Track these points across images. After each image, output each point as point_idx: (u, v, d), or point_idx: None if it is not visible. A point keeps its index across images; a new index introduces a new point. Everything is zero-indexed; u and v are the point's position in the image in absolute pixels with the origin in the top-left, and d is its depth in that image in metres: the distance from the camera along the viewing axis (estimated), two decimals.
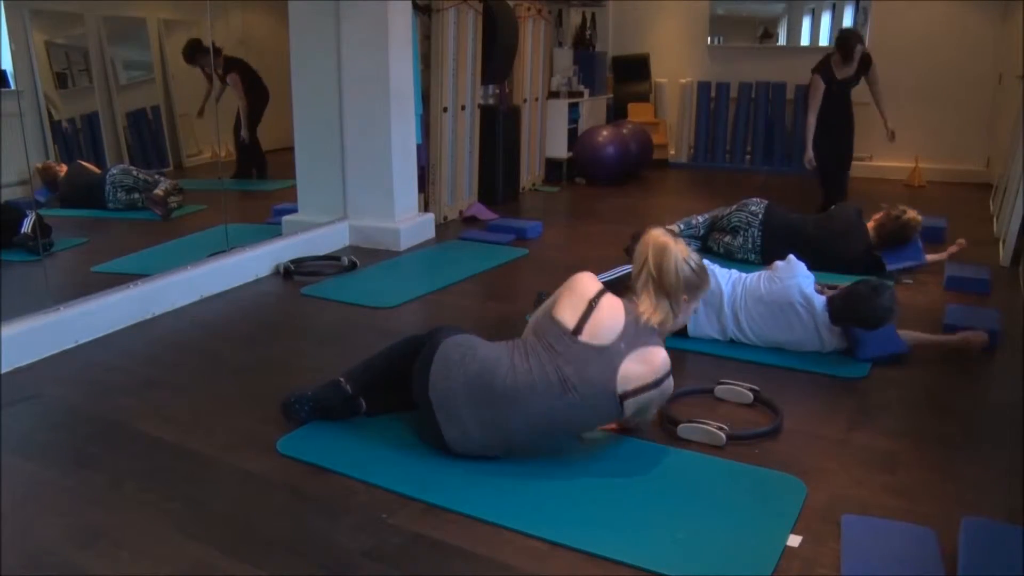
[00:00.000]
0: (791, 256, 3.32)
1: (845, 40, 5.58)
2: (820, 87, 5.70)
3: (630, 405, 2.22)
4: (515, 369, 2.23)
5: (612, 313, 2.26)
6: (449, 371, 2.26)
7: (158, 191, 4.96)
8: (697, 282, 2.36)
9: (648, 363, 2.22)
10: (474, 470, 2.27)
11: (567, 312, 2.27)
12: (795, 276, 3.22)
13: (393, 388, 2.54)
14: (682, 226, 4.68)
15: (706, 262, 3.41)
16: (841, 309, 3.11)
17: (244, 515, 2.09)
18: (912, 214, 4.23)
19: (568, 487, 2.18)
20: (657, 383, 2.23)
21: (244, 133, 5.93)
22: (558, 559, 1.91)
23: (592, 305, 2.26)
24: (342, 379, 2.53)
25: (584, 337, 2.22)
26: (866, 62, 5.64)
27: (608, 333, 2.22)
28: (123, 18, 5.06)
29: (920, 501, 2.14)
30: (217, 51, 5.22)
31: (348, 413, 2.54)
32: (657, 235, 2.33)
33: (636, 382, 2.20)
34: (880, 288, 3.06)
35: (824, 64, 5.70)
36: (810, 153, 5.74)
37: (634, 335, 2.24)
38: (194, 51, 5.27)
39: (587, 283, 2.34)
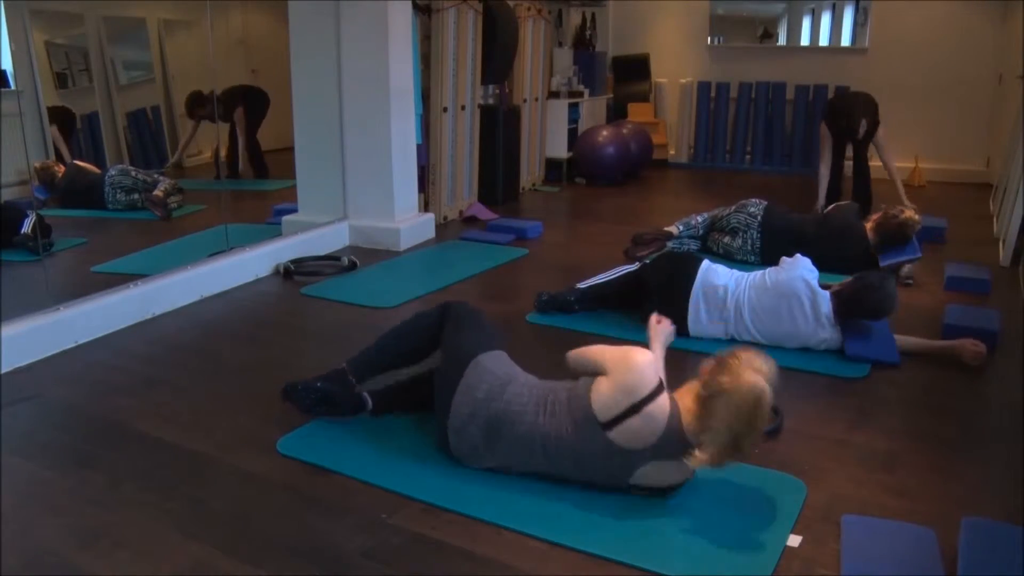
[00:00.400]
0: (798, 255, 3.35)
1: (850, 115, 5.56)
2: (828, 137, 5.74)
3: (635, 490, 2.12)
4: (536, 426, 2.15)
5: (654, 425, 2.00)
6: (475, 408, 2.21)
7: (157, 192, 4.96)
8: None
9: (667, 476, 2.08)
10: (474, 470, 2.26)
11: (606, 400, 2.04)
12: (799, 268, 3.26)
13: (402, 385, 2.56)
14: (681, 227, 4.68)
15: (707, 261, 3.45)
16: (850, 298, 3.16)
17: (244, 515, 2.09)
18: (909, 213, 4.22)
19: (568, 487, 2.18)
20: (670, 488, 2.11)
21: (242, 166, 5.98)
22: (558, 559, 1.91)
23: (636, 409, 2.00)
24: (347, 370, 2.51)
25: (613, 435, 2.03)
26: (873, 126, 5.61)
27: (640, 442, 2.02)
28: (123, 18, 5.06)
29: (920, 501, 2.14)
30: (203, 97, 5.19)
31: (352, 409, 2.53)
32: (753, 382, 1.91)
33: (648, 482, 2.09)
34: (887, 279, 3.20)
35: (831, 114, 5.72)
36: (822, 201, 5.72)
37: (664, 448, 2.03)
38: (194, 104, 5.24)
39: (643, 378, 2.02)
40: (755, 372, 1.93)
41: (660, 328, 2.42)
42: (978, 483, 2.28)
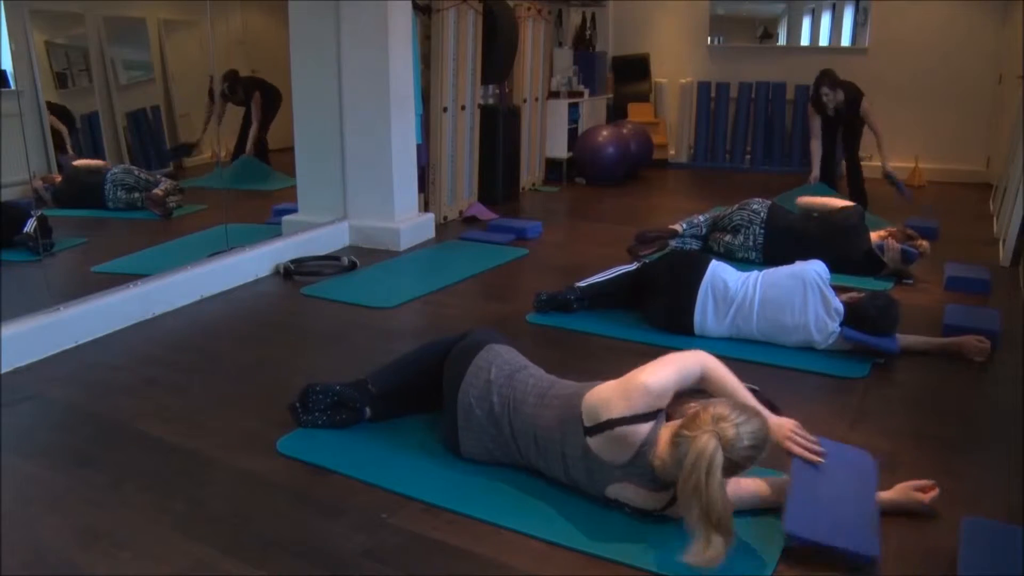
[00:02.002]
0: (813, 260, 3.37)
1: (816, 81, 5.83)
2: (815, 116, 5.92)
3: (613, 505, 2.08)
4: (533, 417, 2.17)
5: (621, 447, 1.97)
6: (484, 390, 2.24)
7: (157, 191, 4.97)
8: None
9: (637, 499, 2.01)
10: (474, 470, 2.27)
11: (593, 406, 2.02)
12: (814, 263, 3.28)
13: (411, 395, 2.54)
14: (684, 226, 4.68)
15: (715, 260, 3.45)
16: (856, 313, 3.16)
17: (244, 515, 2.09)
18: (924, 243, 4.25)
19: (568, 487, 2.18)
20: (651, 511, 2.02)
21: (250, 147, 6.07)
22: (558, 559, 1.91)
23: (610, 425, 1.96)
24: (368, 380, 2.52)
25: (590, 442, 2.02)
26: (852, 102, 5.74)
27: (610, 456, 1.99)
28: (123, 18, 5.06)
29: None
30: (238, 77, 5.19)
31: (355, 419, 2.52)
32: (704, 443, 1.77)
33: (621, 498, 2.04)
34: (887, 308, 3.13)
35: (815, 94, 5.89)
36: (816, 173, 5.91)
37: (632, 472, 1.98)
38: (234, 86, 5.25)
39: (630, 402, 1.97)
40: (712, 434, 1.78)
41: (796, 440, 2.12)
42: (978, 483, 2.28)
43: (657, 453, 1.94)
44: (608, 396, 2.01)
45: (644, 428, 1.96)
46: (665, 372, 2.02)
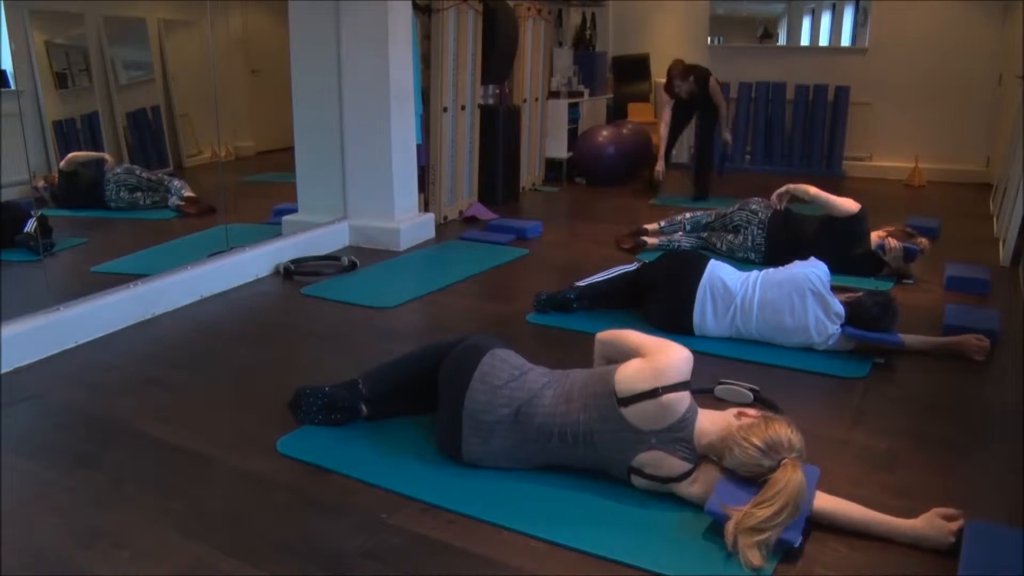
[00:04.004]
0: (813, 258, 3.37)
1: (668, 73, 6.28)
2: (666, 102, 6.36)
3: (637, 482, 2.13)
4: (555, 409, 2.18)
5: (668, 414, 2.06)
6: (493, 396, 2.22)
7: (189, 192, 5.02)
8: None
9: (663, 467, 2.08)
10: (474, 470, 2.27)
11: (631, 376, 2.10)
12: (815, 266, 3.27)
13: (405, 397, 2.54)
14: (663, 224, 4.79)
15: (714, 260, 3.45)
16: (856, 313, 3.16)
17: (244, 515, 2.09)
18: (924, 240, 4.26)
19: (568, 487, 2.18)
20: (666, 479, 2.09)
21: None
22: (558, 559, 1.91)
23: (655, 393, 2.05)
24: (360, 381, 2.53)
25: (626, 412, 2.08)
26: (703, 83, 6.15)
27: (651, 423, 2.07)
28: (123, 18, 5.06)
29: (920, 501, 2.14)
30: None
31: (350, 418, 2.53)
32: (803, 483, 1.92)
33: (649, 470, 2.10)
34: (886, 304, 3.14)
35: (668, 85, 6.32)
36: (661, 165, 6.40)
37: (670, 437, 2.07)
38: None
39: (673, 368, 2.08)
40: (800, 468, 1.93)
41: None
42: (978, 483, 2.28)
43: (702, 431, 2.08)
44: (649, 366, 2.09)
45: (687, 395, 2.09)
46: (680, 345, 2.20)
